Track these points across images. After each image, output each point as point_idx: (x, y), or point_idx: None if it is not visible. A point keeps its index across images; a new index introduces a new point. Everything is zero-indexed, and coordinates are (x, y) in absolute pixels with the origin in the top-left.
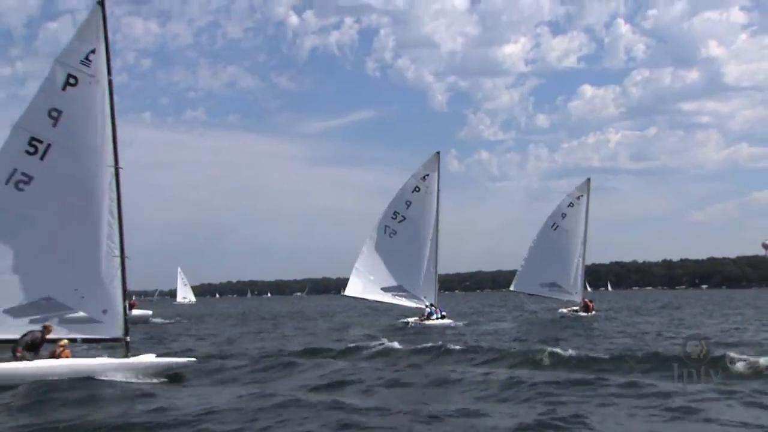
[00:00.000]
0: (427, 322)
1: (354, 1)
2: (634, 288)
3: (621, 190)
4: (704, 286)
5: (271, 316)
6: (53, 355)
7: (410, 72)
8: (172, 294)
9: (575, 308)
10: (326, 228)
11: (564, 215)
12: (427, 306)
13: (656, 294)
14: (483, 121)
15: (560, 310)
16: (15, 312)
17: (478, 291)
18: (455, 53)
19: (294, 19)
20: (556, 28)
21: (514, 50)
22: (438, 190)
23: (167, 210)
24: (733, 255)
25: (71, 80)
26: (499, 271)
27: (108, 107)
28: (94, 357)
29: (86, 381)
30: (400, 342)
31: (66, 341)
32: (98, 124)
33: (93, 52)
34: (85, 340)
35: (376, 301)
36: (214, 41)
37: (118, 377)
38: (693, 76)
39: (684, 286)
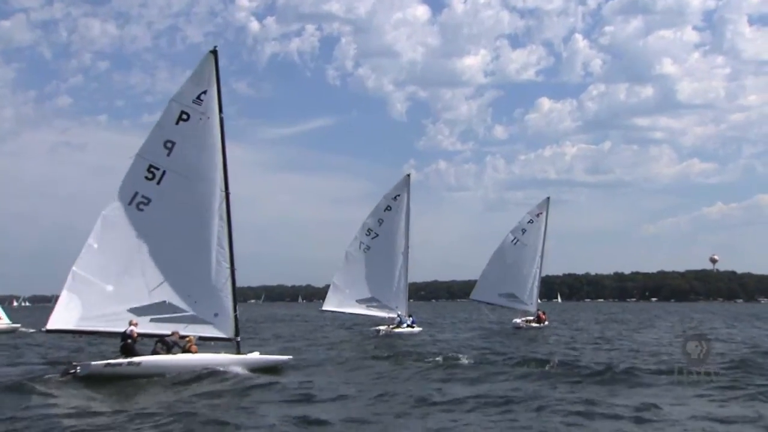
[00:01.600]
0: (397, 330)
1: (316, 8)
2: (586, 300)
3: (576, 202)
4: (654, 299)
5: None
6: (184, 350)
7: (371, 81)
8: None
9: (529, 318)
10: (282, 235)
11: (524, 230)
12: (397, 315)
13: (606, 306)
14: (442, 131)
15: (515, 321)
16: (137, 311)
17: (433, 301)
18: (416, 63)
19: (255, 25)
20: (516, 42)
21: (473, 62)
22: (408, 209)
23: None
24: (682, 269)
25: (183, 116)
26: (453, 281)
27: (218, 139)
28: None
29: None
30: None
31: (194, 338)
32: (208, 153)
33: (204, 93)
34: (200, 338)
35: (352, 313)
36: (174, 45)
37: (235, 370)
38: (647, 92)
39: (635, 299)
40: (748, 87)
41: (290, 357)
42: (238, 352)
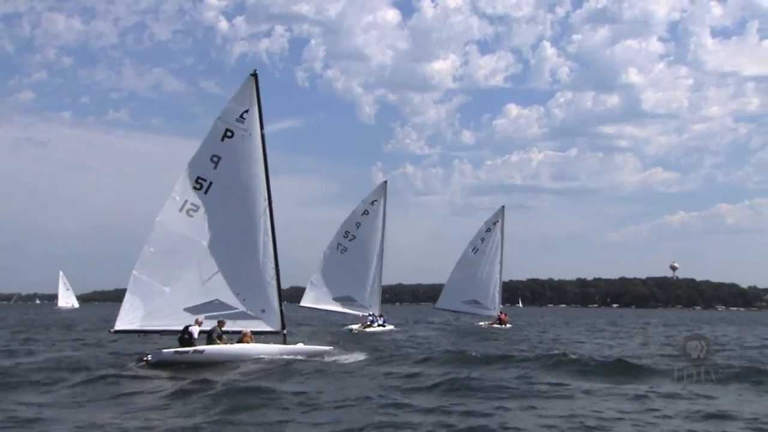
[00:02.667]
0: (368, 329)
1: (286, 9)
2: (549, 305)
3: (541, 208)
4: (615, 305)
5: None
6: (241, 341)
7: (340, 83)
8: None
9: (491, 322)
10: None
11: (482, 239)
12: (370, 315)
13: (567, 312)
14: (409, 135)
15: (478, 323)
16: (192, 310)
17: (397, 304)
18: (385, 67)
19: (224, 24)
20: (485, 47)
21: (442, 66)
22: (384, 214)
23: (82, 213)
24: (643, 276)
25: (228, 133)
26: (419, 285)
27: (260, 153)
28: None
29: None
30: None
31: (249, 331)
32: (251, 166)
33: (247, 111)
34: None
35: (327, 310)
36: (141, 42)
37: (285, 358)
38: (613, 100)
39: (596, 305)
40: (710, 98)
41: (331, 347)
42: (285, 343)
